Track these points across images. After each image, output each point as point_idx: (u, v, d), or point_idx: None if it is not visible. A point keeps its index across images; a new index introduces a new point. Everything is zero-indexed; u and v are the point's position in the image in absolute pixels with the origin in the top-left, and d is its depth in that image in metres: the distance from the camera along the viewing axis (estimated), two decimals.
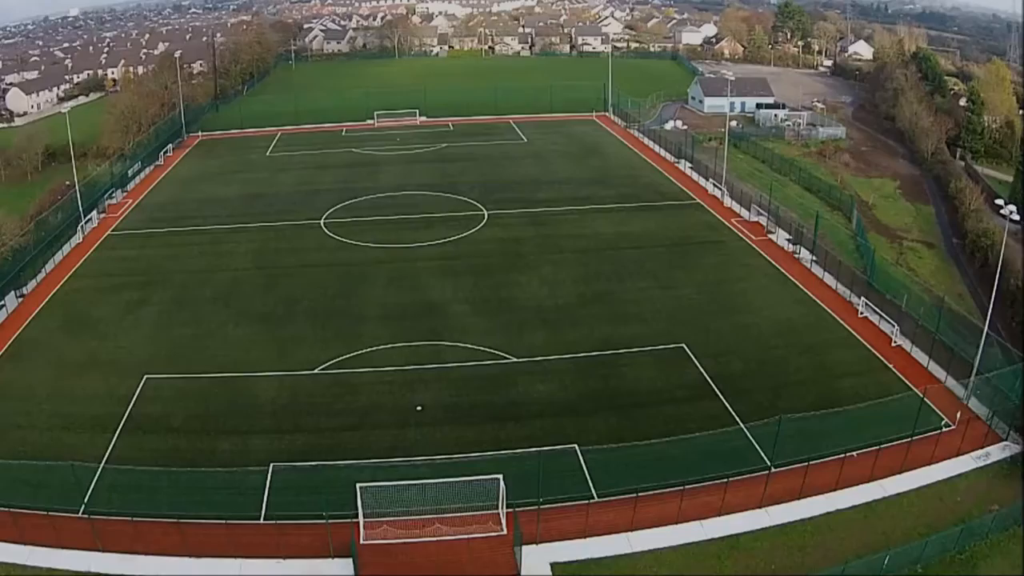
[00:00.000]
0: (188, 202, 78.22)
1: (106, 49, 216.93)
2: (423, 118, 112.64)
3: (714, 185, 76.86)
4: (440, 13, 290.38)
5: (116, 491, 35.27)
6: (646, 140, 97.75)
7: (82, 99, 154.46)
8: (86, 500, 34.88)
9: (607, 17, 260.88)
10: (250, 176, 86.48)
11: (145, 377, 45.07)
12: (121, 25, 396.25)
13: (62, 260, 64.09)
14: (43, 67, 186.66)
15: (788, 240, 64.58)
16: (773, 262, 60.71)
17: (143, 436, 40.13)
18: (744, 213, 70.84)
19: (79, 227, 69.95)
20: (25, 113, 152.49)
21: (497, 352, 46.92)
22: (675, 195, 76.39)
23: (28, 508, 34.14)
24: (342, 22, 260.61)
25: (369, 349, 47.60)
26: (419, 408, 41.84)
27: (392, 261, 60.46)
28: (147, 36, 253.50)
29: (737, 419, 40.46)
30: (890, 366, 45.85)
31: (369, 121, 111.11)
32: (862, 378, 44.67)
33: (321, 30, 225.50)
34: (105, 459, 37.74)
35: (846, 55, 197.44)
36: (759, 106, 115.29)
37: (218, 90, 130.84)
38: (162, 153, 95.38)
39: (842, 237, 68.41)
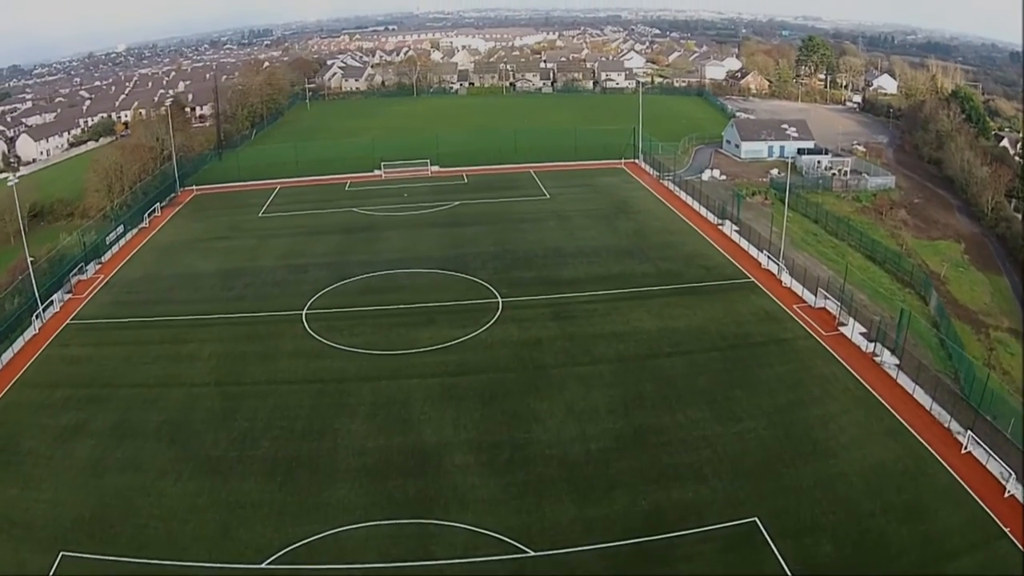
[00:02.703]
0: (161, 279, 64.65)
1: (128, 88, 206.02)
2: (435, 167, 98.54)
3: (768, 258, 62.06)
4: (463, 47, 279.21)
5: None
6: (682, 194, 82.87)
7: (91, 144, 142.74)
8: None
9: (628, 51, 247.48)
10: (236, 244, 72.63)
11: (61, 555, 32.18)
12: (158, 61, 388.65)
13: (10, 360, 50.98)
14: (59, 110, 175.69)
15: (863, 335, 50.00)
16: (851, 370, 45.91)
17: None
18: (808, 296, 56.04)
19: (35, 315, 56.70)
20: (33, 160, 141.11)
21: (508, 540, 32.24)
22: (724, 271, 61.40)
23: None
24: (364, 58, 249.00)
25: (336, 530, 33.22)
26: None
27: (380, 377, 45.82)
28: (172, 74, 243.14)
29: None
30: (1007, 532, 32.07)
31: (377, 172, 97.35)
32: (977, 554, 31.37)
33: (340, 68, 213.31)
34: None
35: (871, 89, 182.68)
36: (800, 152, 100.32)
37: (222, 136, 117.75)
38: (147, 214, 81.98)
39: (921, 327, 53.29)
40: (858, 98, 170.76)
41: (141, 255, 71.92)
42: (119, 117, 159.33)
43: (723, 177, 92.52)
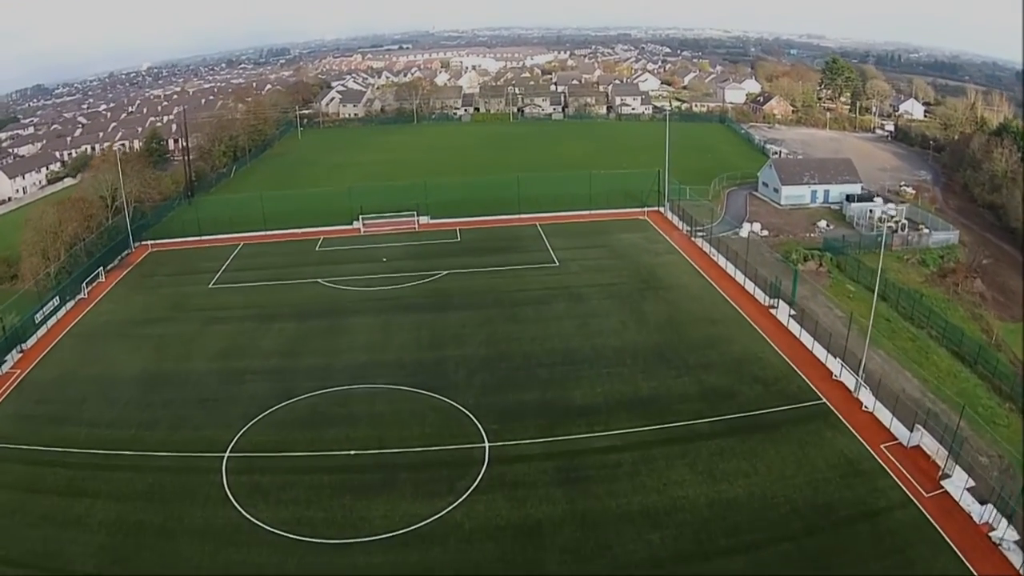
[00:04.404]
0: (76, 384, 49.76)
1: (122, 115, 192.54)
2: (424, 219, 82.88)
3: (842, 366, 46.54)
4: (472, 67, 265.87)
5: None
6: (721, 259, 66.73)
7: (68, 181, 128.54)
8: None
9: (641, 72, 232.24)
10: (172, 331, 57.24)
11: None
12: (173, 81, 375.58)
13: None
14: (45, 140, 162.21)
15: (970, 491, 35.00)
16: (967, 562, 31.02)
17: None
18: (898, 428, 40.65)
19: None
20: (9, 199, 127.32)
21: None
22: (786, 387, 45.18)
23: None
24: (368, 80, 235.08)
25: None
26: None
27: None
28: (174, 96, 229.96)
29: None
30: None
31: (356, 224, 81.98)
32: None
33: (339, 92, 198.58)
34: None
35: (897, 115, 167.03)
36: (849, 198, 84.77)
37: (192, 176, 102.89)
38: (85, 283, 67.22)
39: None
40: (890, 126, 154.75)
41: (65, 343, 57.20)
42: (102, 149, 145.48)
43: (764, 232, 76.62)
